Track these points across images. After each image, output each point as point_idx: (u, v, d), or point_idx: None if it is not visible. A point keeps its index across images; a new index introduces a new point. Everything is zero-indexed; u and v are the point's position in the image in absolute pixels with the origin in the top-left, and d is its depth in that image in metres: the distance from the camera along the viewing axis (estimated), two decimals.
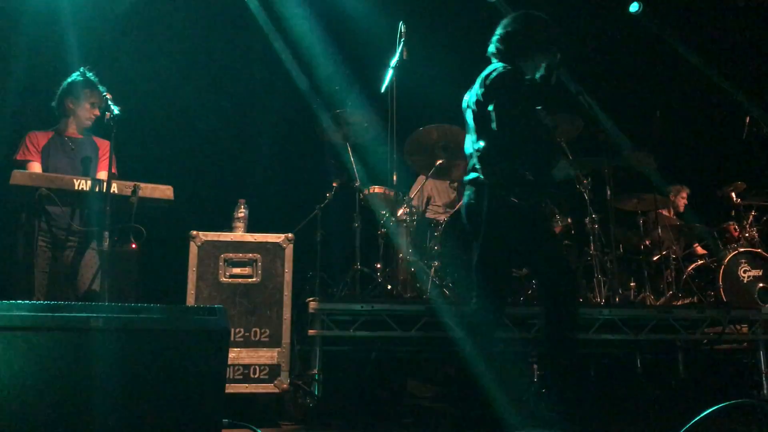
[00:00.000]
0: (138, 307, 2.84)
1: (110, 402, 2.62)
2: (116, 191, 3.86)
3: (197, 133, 6.60)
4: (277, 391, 4.11)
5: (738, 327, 5.21)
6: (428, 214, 6.04)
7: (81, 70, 4.46)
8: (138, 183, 3.94)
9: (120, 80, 4.78)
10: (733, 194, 6.59)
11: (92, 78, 4.43)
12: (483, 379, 3.49)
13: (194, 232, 4.23)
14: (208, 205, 5.80)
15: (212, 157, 6.59)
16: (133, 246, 4.76)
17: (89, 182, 3.88)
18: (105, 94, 4.14)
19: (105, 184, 3.83)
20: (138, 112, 5.27)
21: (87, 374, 2.63)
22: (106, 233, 3.79)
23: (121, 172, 4.34)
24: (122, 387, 2.65)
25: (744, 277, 6.06)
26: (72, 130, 4.48)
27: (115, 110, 3.95)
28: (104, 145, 4.47)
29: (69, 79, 4.46)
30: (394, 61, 5.38)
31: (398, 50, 5.32)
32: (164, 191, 3.99)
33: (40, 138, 4.39)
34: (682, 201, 7.16)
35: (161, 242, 4.72)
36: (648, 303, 5.62)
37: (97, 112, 4.43)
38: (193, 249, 4.19)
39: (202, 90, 6.62)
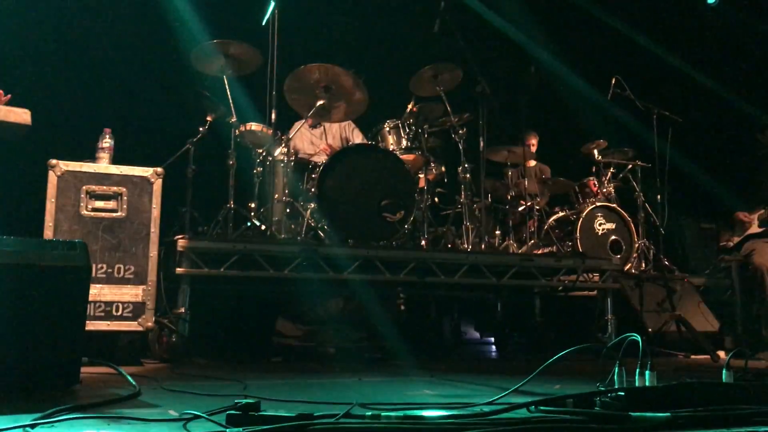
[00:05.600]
0: None
1: None
2: None
3: (60, 54, 6.10)
4: (141, 329, 3.99)
5: (590, 276, 5.59)
6: (304, 155, 5.99)
7: None
8: None
9: None
10: (595, 151, 6.96)
11: None
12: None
13: (53, 161, 3.95)
14: (70, 133, 5.42)
15: (75, 81, 6.11)
16: None
17: None
18: None
19: None
20: None
21: None
22: None
23: None
24: None
25: (599, 230, 6.48)
26: None
27: None
28: None
29: None
30: None
31: None
32: (20, 115, 3.68)
33: None
34: (531, 148, 7.37)
35: (17, 170, 4.39)
36: (511, 251, 5.90)
37: None
38: (52, 179, 3.93)
39: (67, 7, 6.10)
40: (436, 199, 5.93)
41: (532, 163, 7.29)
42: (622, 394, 2.12)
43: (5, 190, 4.83)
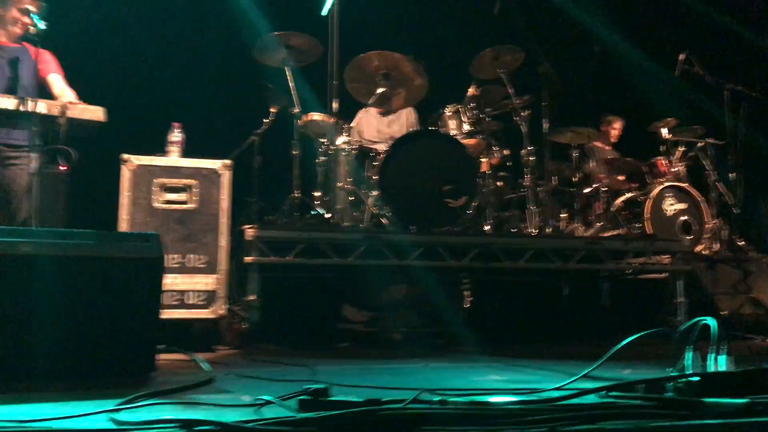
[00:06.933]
0: (69, 232, 2.78)
1: (42, 331, 2.58)
2: (44, 111, 3.67)
3: (131, 53, 6.30)
4: (213, 316, 4.11)
5: (660, 258, 5.44)
6: (366, 144, 6.02)
7: None
8: (67, 103, 3.77)
9: None
10: (663, 130, 6.75)
11: None
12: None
13: (126, 156, 4.10)
14: (142, 128, 5.60)
15: (146, 79, 6.32)
16: (62, 168, 4.59)
17: (14, 101, 3.68)
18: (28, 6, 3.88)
19: (32, 103, 3.62)
20: (67, 27, 5.00)
21: (15, 302, 2.57)
22: (34, 155, 3.65)
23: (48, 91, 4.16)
24: (54, 315, 2.61)
25: (668, 211, 6.29)
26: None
27: (40, 25, 3.73)
28: (43, 55, 4.17)
29: None
30: None
31: None
32: (95, 112, 3.83)
33: None
34: (614, 132, 7.27)
35: (92, 166, 4.56)
36: (577, 234, 5.80)
37: (28, 19, 4.08)
38: (126, 173, 4.08)
39: (137, 8, 6.29)
40: (499, 183, 5.87)
41: (607, 147, 7.14)
42: (696, 379, 2.07)
43: (82, 185, 5.04)
